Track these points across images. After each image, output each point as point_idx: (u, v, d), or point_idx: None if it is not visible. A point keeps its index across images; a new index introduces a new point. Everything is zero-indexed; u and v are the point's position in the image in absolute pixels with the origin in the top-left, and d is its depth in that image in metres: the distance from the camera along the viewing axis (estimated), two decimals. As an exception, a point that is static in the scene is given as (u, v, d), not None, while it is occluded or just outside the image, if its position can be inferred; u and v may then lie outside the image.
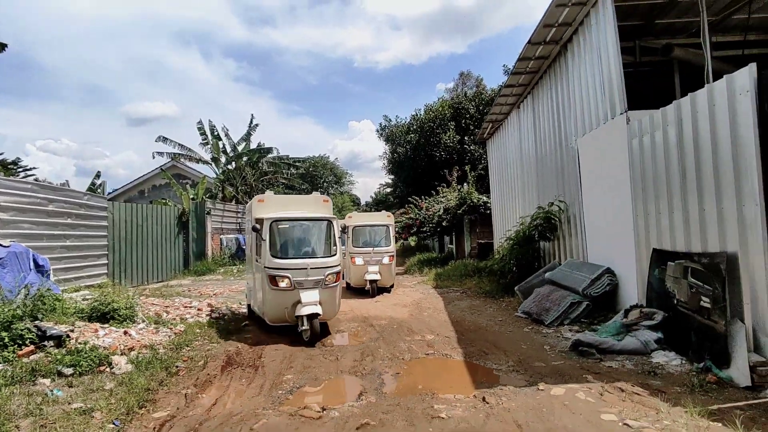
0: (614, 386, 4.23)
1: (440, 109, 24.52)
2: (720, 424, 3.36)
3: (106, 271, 12.43)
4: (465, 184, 18.62)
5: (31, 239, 9.33)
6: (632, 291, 6.45)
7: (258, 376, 4.99)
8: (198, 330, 6.78)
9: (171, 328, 6.57)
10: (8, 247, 7.51)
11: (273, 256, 6.39)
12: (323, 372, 5.08)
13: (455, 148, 23.39)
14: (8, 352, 4.71)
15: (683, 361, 4.79)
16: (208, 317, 7.82)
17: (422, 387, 4.47)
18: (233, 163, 22.88)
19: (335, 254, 6.69)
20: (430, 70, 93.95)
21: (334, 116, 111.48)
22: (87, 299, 7.67)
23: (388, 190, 39.93)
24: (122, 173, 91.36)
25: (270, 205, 7.10)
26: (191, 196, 18.36)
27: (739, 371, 4.09)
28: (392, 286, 11.61)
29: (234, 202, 22.91)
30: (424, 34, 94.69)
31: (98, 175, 23.07)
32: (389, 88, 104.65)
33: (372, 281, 10.48)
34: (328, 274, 6.44)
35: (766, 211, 4.06)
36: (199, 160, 22.37)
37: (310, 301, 6.22)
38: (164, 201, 18.14)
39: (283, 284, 6.22)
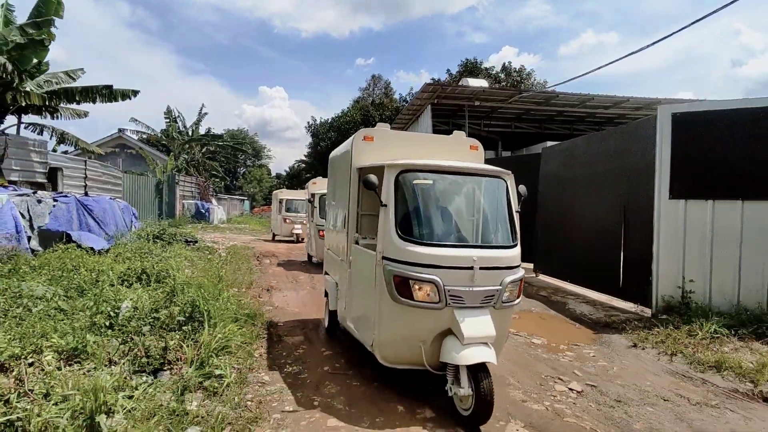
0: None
1: (353, 114, 32.53)
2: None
3: (122, 222, 18.57)
4: (368, 174, 27.16)
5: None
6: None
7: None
8: (235, 246, 14.19)
9: (224, 244, 13.94)
10: (121, 202, 13.89)
11: (404, 239, 3.42)
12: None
13: (363, 145, 31.72)
14: (179, 247, 11.81)
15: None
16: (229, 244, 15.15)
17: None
18: (187, 145, 28.37)
19: (516, 244, 3.67)
20: (351, 45, 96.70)
21: (242, 80, 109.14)
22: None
23: (303, 166, 46.97)
24: None
25: (383, 147, 4.24)
26: (163, 170, 24.08)
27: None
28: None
29: (185, 173, 28.51)
30: (350, 8, 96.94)
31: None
32: (308, 58, 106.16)
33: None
34: (510, 282, 3.46)
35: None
36: (159, 140, 27.57)
37: (478, 336, 3.21)
38: (145, 173, 23.63)
39: (421, 294, 3.27)
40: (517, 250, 3.64)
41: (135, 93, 12.14)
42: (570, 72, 73.47)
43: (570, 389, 4.01)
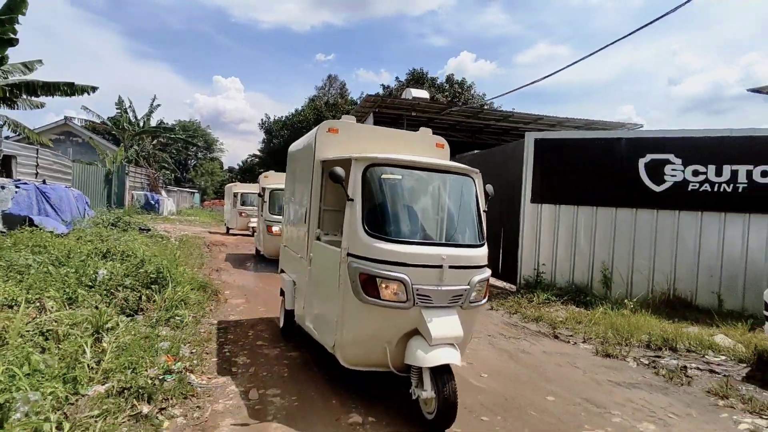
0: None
1: (307, 113, 33.75)
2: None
3: (71, 210, 18.93)
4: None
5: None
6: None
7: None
8: (186, 235, 15.24)
9: (175, 234, 14.96)
10: (75, 191, 14.52)
11: (371, 235, 3.27)
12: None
13: (316, 144, 33.07)
14: (135, 233, 12.77)
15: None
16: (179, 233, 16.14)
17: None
18: (138, 136, 28.47)
19: (484, 243, 3.69)
20: (312, 40, 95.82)
21: (196, 68, 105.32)
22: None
23: (257, 160, 47.36)
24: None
25: (348, 140, 4.13)
26: (113, 161, 24.25)
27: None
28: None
29: (135, 164, 28.58)
30: (313, 2, 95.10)
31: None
32: (266, 50, 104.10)
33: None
34: (478, 282, 3.43)
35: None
36: (110, 130, 27.53)
37: (446, 337, 3.17)
38: (94, 163, 23.73)
39: (388, 293, 3.15)
40: (484, 250, 3.59)
41: (94, 89, 12.97)
42: (527, 80, 78.11)
43: (430, 330, 5.84)
